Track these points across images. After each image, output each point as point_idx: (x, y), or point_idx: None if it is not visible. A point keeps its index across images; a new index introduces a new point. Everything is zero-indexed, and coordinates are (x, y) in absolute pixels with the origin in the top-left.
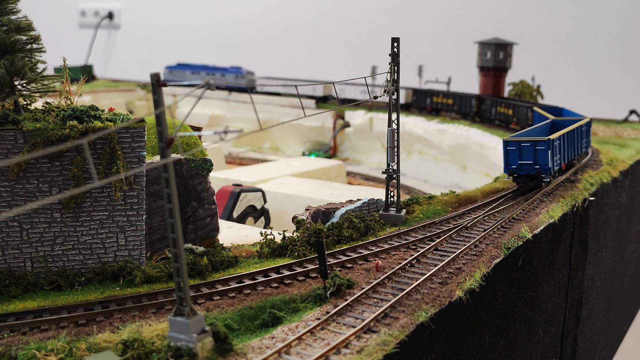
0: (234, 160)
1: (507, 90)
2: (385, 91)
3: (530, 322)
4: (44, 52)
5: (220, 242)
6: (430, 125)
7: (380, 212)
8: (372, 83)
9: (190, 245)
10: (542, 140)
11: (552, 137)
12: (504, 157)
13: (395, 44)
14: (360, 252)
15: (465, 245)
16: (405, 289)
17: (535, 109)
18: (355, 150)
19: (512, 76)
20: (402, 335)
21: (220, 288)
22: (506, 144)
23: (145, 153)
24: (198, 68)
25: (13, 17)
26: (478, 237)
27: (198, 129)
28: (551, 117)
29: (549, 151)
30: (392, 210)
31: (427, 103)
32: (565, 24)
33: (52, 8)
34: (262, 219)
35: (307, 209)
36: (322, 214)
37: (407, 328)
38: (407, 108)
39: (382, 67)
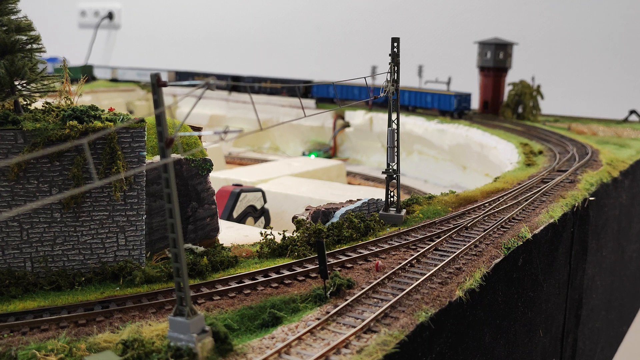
0: (234, 160)
1: (507, 90)
2: (385, 91)
3: (530, 322)
4: (44, 52)
5: (220, 242)
6: (430, 125)
7: (380, 212)
8: (372, 83)
9: (190, 245)
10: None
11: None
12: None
13: (395, 44)
14: (360, 252)
15: (465, 245)
16: (405, 289)
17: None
18: (355, 150)
19: (512, 76)
20: (402, 335)
21: (220, 288)
22: (451, 97)
23: (145, 153)
24: None
25: (13, 17)
26: (478, 237)
27: (198, 129)
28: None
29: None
30: (392, 210)
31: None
32: (565, 24)
33: (52, 8)
34: (262, 219)
35: (307, 209)
36: (322, 214)
37: (407, 328)
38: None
39: (382, 67)
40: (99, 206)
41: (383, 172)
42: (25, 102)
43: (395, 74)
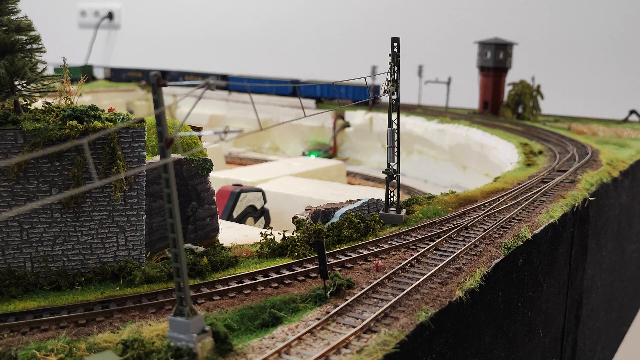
0: (234, 160)
1: (507, 90)
2: (385, 91)
3: (530, 322)
4: (44, 52)
5: (220, 242)
6: (430, 125)
7: (380, 212)
8: (372, 83)
9: (190, 245)
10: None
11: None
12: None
13: (395, 44)
14: (360, 252)
15: (465, 245)
16: (405, 289)
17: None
18: (355, 150)
19: (512, 76)
20: (402, 335)
21: (220, 288)
22: (365, 88)
23: (145, 153)
24: None
25: (13, 17)
26: (478, 237)
27: (198, 129)
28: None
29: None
30: (392, 210)
31: (122, 77)
32: (565, 24)
33: (52, 8)
34: (262, 219)
35: (307, 209)
36: (322, 214)
37: (407, 328)
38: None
39: (382, 67)
40: (99, 206)
41: (383, 172)
42: (25, 102)
43: (395, 74)
